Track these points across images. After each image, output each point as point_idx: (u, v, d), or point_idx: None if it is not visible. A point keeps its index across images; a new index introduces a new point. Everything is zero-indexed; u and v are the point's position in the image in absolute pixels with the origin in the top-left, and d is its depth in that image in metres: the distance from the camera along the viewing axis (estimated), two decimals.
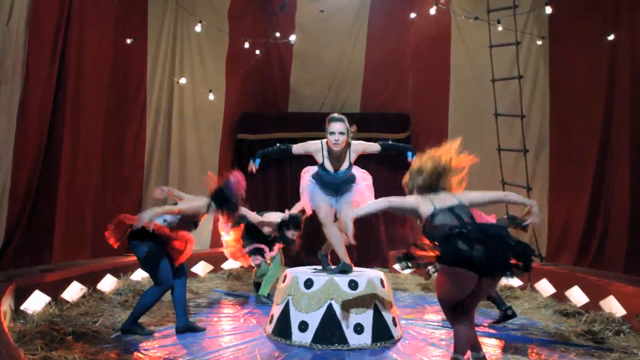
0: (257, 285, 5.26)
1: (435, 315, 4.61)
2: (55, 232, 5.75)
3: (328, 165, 4.06)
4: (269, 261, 5.22)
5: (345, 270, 3.88)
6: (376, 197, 4.00)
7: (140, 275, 5.41)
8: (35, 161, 5.68)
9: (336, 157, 4.06)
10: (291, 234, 5.07)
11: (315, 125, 7.76)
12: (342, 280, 3.72)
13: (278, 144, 4.31)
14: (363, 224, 7.05)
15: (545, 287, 5.07)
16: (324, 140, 4.08)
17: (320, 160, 4.08)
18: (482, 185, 6.74)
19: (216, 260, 6.58)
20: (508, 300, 4.83)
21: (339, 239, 4.02)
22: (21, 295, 3.70)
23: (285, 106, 8.19)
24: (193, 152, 7.40)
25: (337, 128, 3.99)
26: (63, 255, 5.74)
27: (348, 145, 4.10)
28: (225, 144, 7.69)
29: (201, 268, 6.40)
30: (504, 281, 5.58)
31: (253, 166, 4.21)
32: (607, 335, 3.75)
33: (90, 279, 4.67)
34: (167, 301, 4.39)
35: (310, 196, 4.20)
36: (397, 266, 6.93)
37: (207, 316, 4.43)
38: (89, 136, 6.21)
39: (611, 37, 5.13)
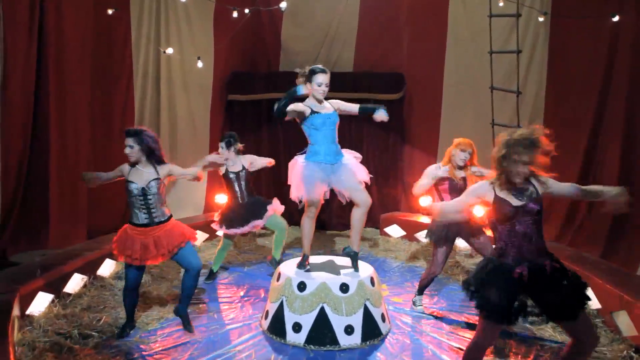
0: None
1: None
2: (50, 211, 5.86)
3: (318, 109, 4.02)
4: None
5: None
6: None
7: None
8: (23, 141, 5.66)
9: (322, 107, 4.07)
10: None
11: None
12: (333, 284, 3.89)
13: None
14: None
15: None
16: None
17: (309, 111, 4.00)
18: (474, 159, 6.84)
19: (211, 228, 6.71)
20: None
21: (310, 232, 4.21)
22: (25, 301, 3.83)
23: (276, 65, 7.94)
24: (183, 117, 7.29)
25: (324, 79, 4.00)
26: (59, 234, 5.88)
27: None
28: (216, 106, 7.55)
29: (198, 237, 6.54)
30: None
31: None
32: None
33: (90, 267, 4.81)
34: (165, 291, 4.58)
35: (307, 184, 4.07)
36: (389, 230, 7.14)
37: (205, 302, 4.64)
38: (76, 109, 6.10)
39: (615, 19, 4.94)
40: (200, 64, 6.23)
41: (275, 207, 5.39)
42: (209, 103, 7.45)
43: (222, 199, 7.46)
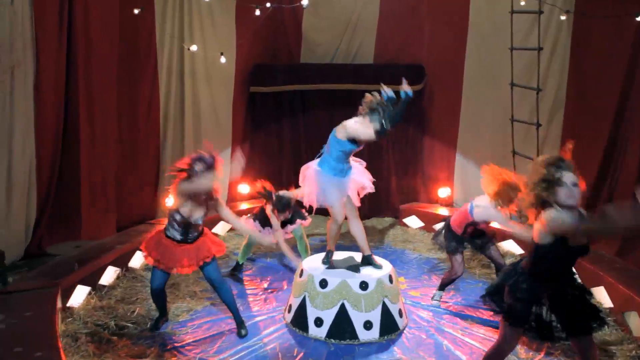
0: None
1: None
2: (82, 203, 6.11)
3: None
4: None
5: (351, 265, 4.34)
6: None
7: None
8: (55, 137, 5.89)
9: None
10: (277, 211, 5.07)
11: (328, 77, 7.74)
12: (353, 282, 4.08)
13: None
14: (374, 175, 7.30)
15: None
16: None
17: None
18: (493, 154, 6.90)
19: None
20: None
21: (335, 234, 4.48)
22: (65, 293, 4.11)
23: (297, 57, 8.03)
24: (207, 109, 7.45)
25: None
26: (91, 225, 6.16)
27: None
28: (238, 98, 7.69)
29: (220, 228, 6.78)
30: (505, 247, 5.96)
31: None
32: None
33: (122, 260, 5.09)
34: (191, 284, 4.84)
35: (323, 191, 4.34)
36: (408, 221, 7.28)
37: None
38: (104, 105, 6.31)
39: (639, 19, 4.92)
40: (223, 60, 6.36)
41: (305, 222, 5.48)
42: (232, 95, 7.59)
43: (245, 189, 7.72)
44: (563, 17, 5.66)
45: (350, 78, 7.65)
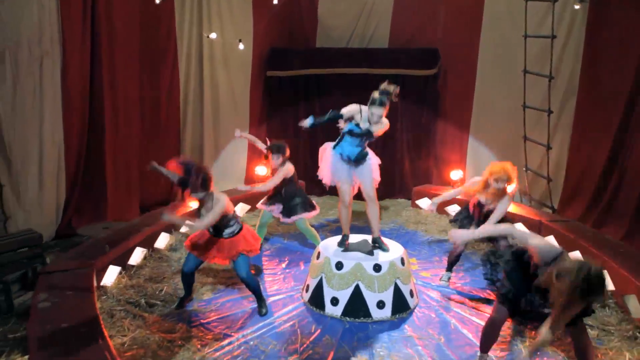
0: None
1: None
2: (108, 186, 6.42)
3: (362, 125, 4.49)
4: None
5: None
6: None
7: (186, 228, 6.12)
8: (82, 123, 6.18)
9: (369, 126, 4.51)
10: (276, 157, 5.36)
11: (343, 61, 7.86)
12: (367, 264, 4.33)
13: (330, 111, 4.57)
14: (388, 158, 7.48)
15: (552, 243, 5.57)
16: (364, 107, 4.47)
17: (358, 119, 4.48)
18: (505, 139, 7.03)
19: (252, 200, 7.21)
20: None
21: (346, 217, 4.71)
22: (98, 274, 4.42)
23: (313, 41, 8.16)
24: (225, 93, 7.68)
25: (377, 112, 4.40)
26: (116, 206, 6.48)
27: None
28: (255, 82, 7.89)
29: (240, 209, 7.05)
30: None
31: (305, 123, 4.50)
32: (594, 307, 4.35)
33: (148, 241, 5.39)
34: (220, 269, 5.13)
35: (333, 170, 4.65)
36: (420, 203, 7.47)
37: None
38: (127, 91, 6.57)
39: None
40: (241, 46, 6.54)
41: (308, 215, 5.55)
42: (249, 80, 7.79)
43: (262, 171, 7.95)
44: (577, 7, 5.70)
45: (366, 62, 7.78)
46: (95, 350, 2.94)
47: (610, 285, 4.48)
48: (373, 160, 4.73)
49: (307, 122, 4.49)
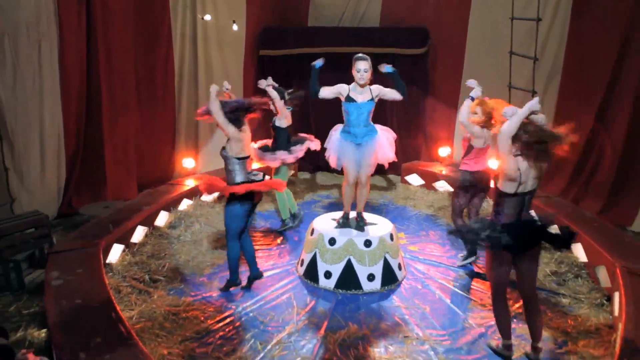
0: None
1: (434, 246, 5.56)
2: (106, 165, 6.61)
3: (354, 95, 4.62)
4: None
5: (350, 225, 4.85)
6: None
7: (185, 205, 6.36)
8: (80, 105, 6.34)
9: (360, 92, 4.64)
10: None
11: (335, 40, 7.98)
12: (359, 240, 4.61)
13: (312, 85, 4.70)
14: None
15: None
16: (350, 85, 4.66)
17: (345, 94, 4.63)
18: None
19: None
20: None
21: (349, 196, 4.88)
22: (104, 252, 4.66)
23: (305, 20, 8.24)
24: (219, 72, 7.77)
25: (362, 66, 4.57)
26: (114, 185, 6.68)
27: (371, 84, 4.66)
28: (249, 61, 7.99)
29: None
30: None
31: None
32: (568, 278, 4.70)
33: (149, 219, 5.63)
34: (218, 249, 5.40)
35: (339, 152, 4.79)
36: (409, 179, 7.72)
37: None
38: (123, 72, 6.70)
39: None
40: (235, 27, 6.64)
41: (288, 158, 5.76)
42: (242, 59, 7.89)
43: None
44: None
45: (357, 41, 7.88)
46: (110, 324, 3.21)
47: (583, 257, 4.82)
48: (382, 140, 4.77)
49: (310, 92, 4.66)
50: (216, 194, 6.79)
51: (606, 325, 3.87)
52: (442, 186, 7.35)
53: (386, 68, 4.64)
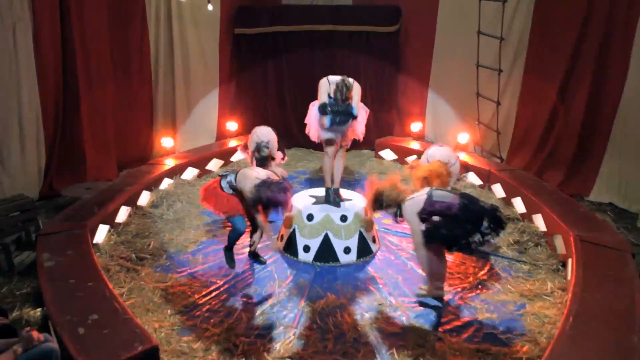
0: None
1: None
2: (85, 146, 6.68)
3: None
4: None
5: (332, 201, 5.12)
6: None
7: (166, 184, 6.52)
8: (56, 87, 6.36)
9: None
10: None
11: (309, 18, 8.08)
12: (335, 215, 4.89)
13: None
14: None
15: (498, 190, 6.26)
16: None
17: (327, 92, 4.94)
18: (458, 95, 7.55)
19: (225, 154, 7.60)
20: None
21: (329, 168, 5.18)
22: (91, 233, 4.83)
23: None
24: (195, 52, 7.82)
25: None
26: (94, 166, 6.78)
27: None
28: (224, 40, 8.03)
29: (213, 164, 7.42)
30: (468, 179, 6.77)
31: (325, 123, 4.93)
32: (529, 246, 5.09)
33: (132, 200, 5.78)
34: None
35: (319, 126, 5.10)
36: (383, 154, 7.99)
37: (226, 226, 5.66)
38: (99, 53, 6.72)
39: None
40: (210, 7, 6.66)
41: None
42: (218, 38, 7.93)
43: (233, 126, 8.27)
44: None
45: (330, 19, 8.03)
46: (105, 301, 3.42)
47: (542, 227, 5.22)
48: (360, 118, 5.12)
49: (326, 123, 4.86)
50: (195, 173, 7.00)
51: (560, 289, 4.27)
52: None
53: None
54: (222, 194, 4.55)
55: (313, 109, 5.21)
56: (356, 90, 4.97)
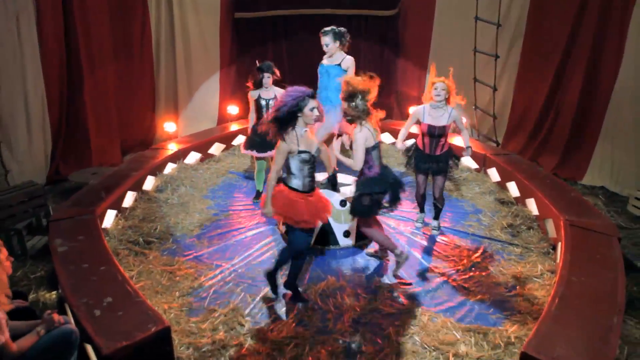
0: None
1: (404, 202, 6.03)
2: (90, 131, 6.82)
3: (324, 62, 5.41)
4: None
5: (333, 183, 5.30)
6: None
7: (169, 168, 6.68)
8: (60, 73, 6.47)
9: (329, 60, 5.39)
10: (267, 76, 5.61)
11: (309, 2, 8.11)
12: (335, 200, 5.06)
13: None
14: None
15: (493, 174, 6.43)
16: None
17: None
18: (459, 78, 7.62)
19: (226, 138, 7.74)
20: (466, 182, 6.43)
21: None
22: (100, 218, 5.01)
23: None
24: (195, 36, 7.90)
25: (323, 41, 5.35)
26: (98, 150, 6.94)
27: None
28: (224, 24, 8.09)
29: (215, 148, 7.57)
30: (464, 162, 6.92)
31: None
32: (521, 229, 5.29)
33: (137, 184, 5.94)
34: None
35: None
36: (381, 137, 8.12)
37: (229, 210, 5.86)
38: (100, 40, 6.82)
39: None
40: None
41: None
42: (218, 22, 7.99)
43: (234, 110, 8.38)
44: None
45: (330, 3, 8.07)
46: (117, 285, 3.62)
47: (535, 211, 5.41)
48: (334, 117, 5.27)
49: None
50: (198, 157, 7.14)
51: (549, 271, 4.49)
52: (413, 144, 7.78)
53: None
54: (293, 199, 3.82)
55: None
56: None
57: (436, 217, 5.34)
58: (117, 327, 3.20)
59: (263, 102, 5.71)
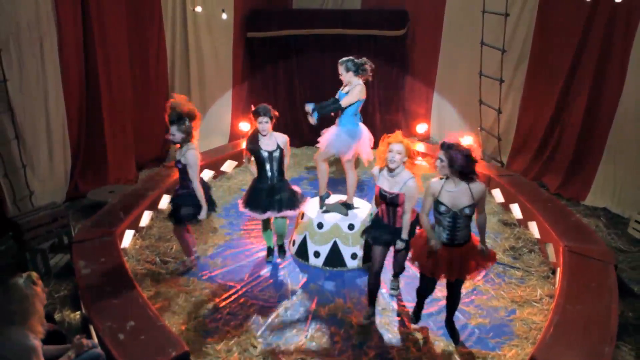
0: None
1: None
2: (107, 148, 7.09)
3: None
4: None
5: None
6: None
7: None
8: (80, 94, 6.75)
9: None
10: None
11: (319, 22, 8.37)
12: (343, 224, 5.28)
13: (332, 100, 5.08)
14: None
15: (497, 195, 6.61)
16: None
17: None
18: (465, 99, 7.84)
19: (238, 155, 7.96)
20: None
21: (324, 174, 5.40)
22: (119, 238, 5.27)
23: (290, 2, 8.58)
24: (209, 55, 8.16)
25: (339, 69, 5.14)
26: (116, 166, 7.20)
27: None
28: (237, 43, 8.35)
29: (228, 165, 7.81)
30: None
31: (312, 119, 4.96)
32: (523, 252, 5.47)
33: (153, 204, 6.19)
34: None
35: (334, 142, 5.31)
36: None
37: (241, 229, 6.09)
38: (118, 59, 7.09)
39: None
40: (224, 16, 6.97)
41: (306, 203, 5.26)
42: (231, 41, 8.25)
43: (246, 127, 8.62)
44: None
45: (340, 23, 8.32)
46: (139, 308, 3.87)
47: (536, 234, 5.59)
48: (365, 140, 5.31)
49: (314, 117, 4.94)
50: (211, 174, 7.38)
51: (548, 295, 4.67)
52: (420, 163, 7.99)
53: (311, 109, 4.96)
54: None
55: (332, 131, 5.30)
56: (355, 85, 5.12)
57: (396, 275, 4.89)
58: (139, 351, 3.44)
59: (265, 155, 4.85)
